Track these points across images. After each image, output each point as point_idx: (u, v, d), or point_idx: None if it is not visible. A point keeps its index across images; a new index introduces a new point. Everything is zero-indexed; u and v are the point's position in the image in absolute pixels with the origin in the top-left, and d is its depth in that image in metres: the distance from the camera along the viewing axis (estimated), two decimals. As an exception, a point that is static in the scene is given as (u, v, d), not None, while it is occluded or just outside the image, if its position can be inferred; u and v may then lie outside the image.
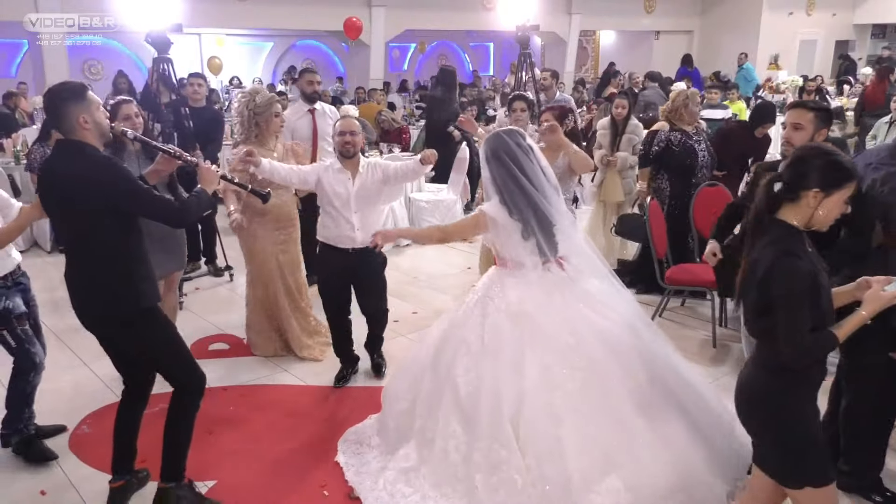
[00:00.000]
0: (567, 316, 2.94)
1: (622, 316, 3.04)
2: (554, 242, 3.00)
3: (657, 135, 5.41)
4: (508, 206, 2.95)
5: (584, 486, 2.66)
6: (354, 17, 12.79)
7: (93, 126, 2.68)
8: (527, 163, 2.95)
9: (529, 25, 7.78)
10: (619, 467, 2.71)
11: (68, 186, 2.64)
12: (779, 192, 2.14)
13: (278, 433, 3.68)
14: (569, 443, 2.71)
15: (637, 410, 2.83)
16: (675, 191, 5.32)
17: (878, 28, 19.86)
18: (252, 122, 4.25)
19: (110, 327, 2.82)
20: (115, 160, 2.82)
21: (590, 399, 2.80)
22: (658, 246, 4.92)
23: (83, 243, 2.73)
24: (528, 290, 2.97)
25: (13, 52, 13.88)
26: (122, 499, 3.04)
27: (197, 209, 2.89)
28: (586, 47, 19.18)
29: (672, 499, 2.72)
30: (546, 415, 2.76)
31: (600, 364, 2.86)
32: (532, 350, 2.87)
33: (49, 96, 2.71)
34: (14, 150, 7.72)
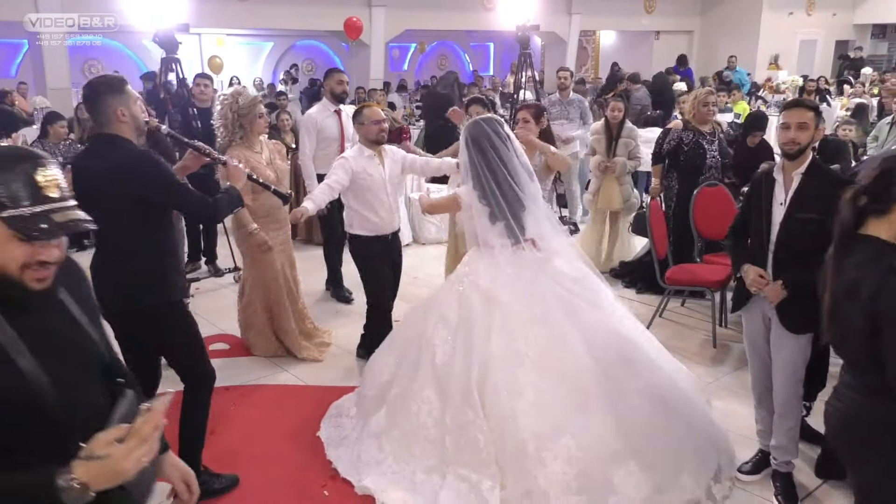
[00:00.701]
0: (535, 290, 3.12)
1: (590, 293, 3.23)
2: (522, 226, 3.18)
3: (669, 133, 5.44)
4: (479, 191, 3.16)
5: (538, 446, 2.84)
6: (355, 17, 12.79)
7: (129, 119, 2.72)
8: (503, 150, 3.15)
9: (529, 25, 7.80)
10: (572, 430, 2.87)
11: (103, 178, 2.67)
12: (865, 207, 2.00)
13: (279, 433, 3.68)
14: (525, 411, 2.89)
15: (595, 379, 2.97)
16: (682, 190, 5.32)
17: (878, 28, 19.85)
18: (236, 125, 4.18)
19: (135, 319, 2.83)
20: (151, 153, 2.85)
21: (550, 368, 2.97)
22: (658, 246, 4.91)
23: (115, 234, 2.75)
24: (496, 270, 3.17)
25: (13, 52, 13.88)
26: None
27: (228, 206, 2.95)
28: (586, 47, 19.17)
29: (622, 464, 2.85)
30: (507, 386, 2.94)
31: (564, 336, 3.03)
32: (498, 327, 3.06)
33: (89, 88, 2.75)
34: (14, 150, 7.73)
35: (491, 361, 2.99)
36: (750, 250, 3.11)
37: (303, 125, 5.40)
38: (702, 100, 5.31)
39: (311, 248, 6.93)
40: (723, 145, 5.37)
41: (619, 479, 2.82)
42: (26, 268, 1.39)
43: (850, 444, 2.07)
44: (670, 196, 5.44)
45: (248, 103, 4.20)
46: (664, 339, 4.81)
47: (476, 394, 2.97)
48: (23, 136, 8.13)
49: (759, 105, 11.93)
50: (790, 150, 2.90)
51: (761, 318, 3.10)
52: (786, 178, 2.96)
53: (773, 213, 2.96)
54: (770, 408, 3.18)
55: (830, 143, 5.75)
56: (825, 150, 5.46)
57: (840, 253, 2.02)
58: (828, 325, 2.06)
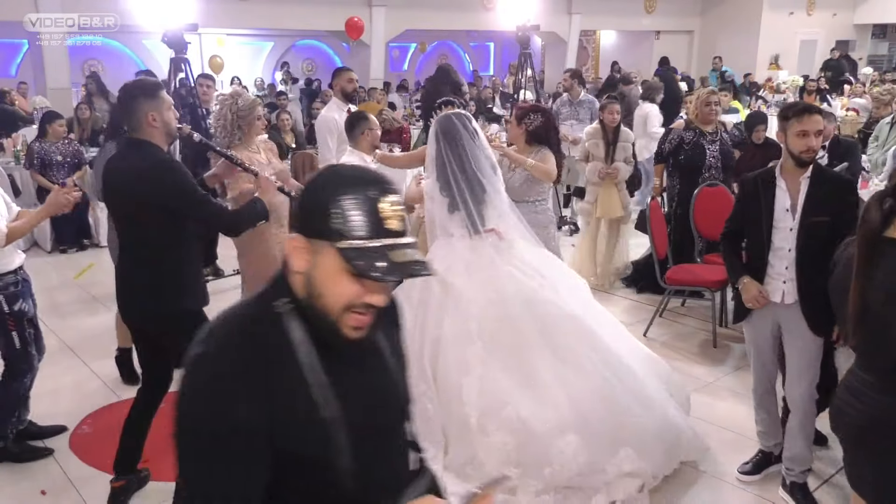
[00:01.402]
0: (492, 275, 3.29)
1: (548, 279, 3.37)
2: (482, 216, 3.35)
3: (671, 132, 5.44)
4: (441, 182, 3.34)
5: (481, 418, 3.02)
6: (356, 16, 12.79)
7: (161, 125, 2.72)
8: (470, 144, 3.33)
9: (530, 25, 7.79)
10: (515, 403, 3.02)
11: (127, 182, 2.67)
12: (892, 209, 1.97)
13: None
14: (472, 386, 3.08)
15: (543, 358, 3.13)
16: (683, 189, 5.32)
17: (879, 28, 19.85)
18: (235, 126, 4.16)
19: (153, 325, 2.83)
20: (175, 161, 2.85)
21: (499, 347, 3.14)
22: (658, 246, 4.91)
23: (138, 239, 2.76)
24: (453, 257, 3.34)
25: (13, 52, 13.88)
26: (122, 498, 3.04)
27: (251, 218, 2.94)
28: (586, 47, 19.16)
29: (561, 436, 2.97)
30: (457, 363, 3.15)
31: (514, 317, 3.19)
32: (452, 309, 3.26)
33: (123, 91, 2.76)
34: (14, 150, 7.73)
35: (443, 340, 3.21)
36: (747, 257, 3.06)
37: (322, 127, 5.25)
38: (704, 100, 5.31)
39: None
40: (725, 146, 5.33)
41: (556, 451, 2.95)
42: (348, 309, 1.19)
43: (873, 444, 2.06)
44: (671, 196, 5.44)
45: (248, 105, 4.17)
46: (664, 339, 4.85)
47: (429, 369, 3.19)
48: (23, 135, 8.13)
49: (760, 105, 11.93)
50: (809, 158, 2.83)
51: (770, 325, 3.03)
52: (790, 183, 2.88)
53: (775, 219, 2.89)
54: (771, 410, 3.15)
55: (842, 142, 5.73)
56: (836, 150, 5.45)
57: (867, 257, 1.99)
58: (855, 328, 2.03)
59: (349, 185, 1.18)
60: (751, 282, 2.97)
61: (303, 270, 1.20)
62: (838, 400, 2.17)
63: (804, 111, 2.87)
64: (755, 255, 3.01)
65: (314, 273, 1.19)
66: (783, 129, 2.87)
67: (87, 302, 5.66)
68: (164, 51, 6.99)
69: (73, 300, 5.70)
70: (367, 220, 1.16)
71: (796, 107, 2.92)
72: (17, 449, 3.44)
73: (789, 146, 2.87)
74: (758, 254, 2.99)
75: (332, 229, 1.16)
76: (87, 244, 7.26)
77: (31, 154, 6.89)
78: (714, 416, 3.76)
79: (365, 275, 1.15)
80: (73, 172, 6.78)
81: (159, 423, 3.00)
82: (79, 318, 5.33)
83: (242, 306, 1.30)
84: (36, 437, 3.62)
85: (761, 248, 2.96)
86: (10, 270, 3.26)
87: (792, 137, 2.84)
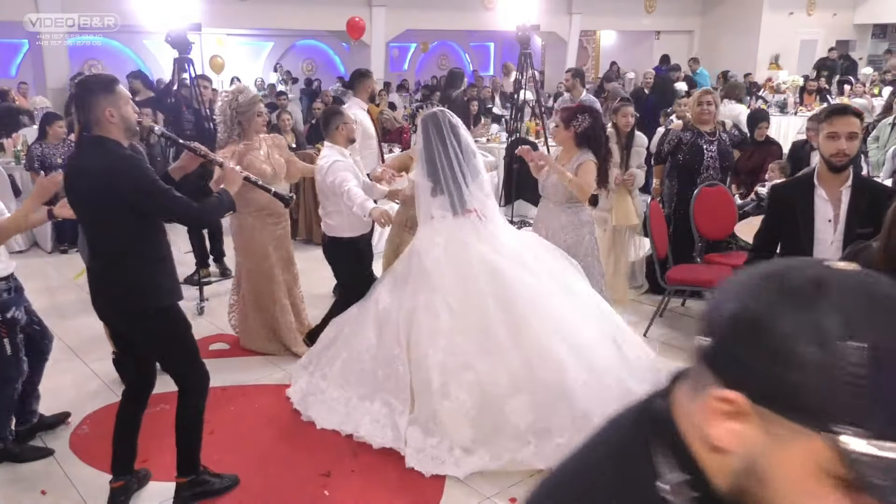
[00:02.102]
0: (464, 253, 3.57)
1: (519, 256, 3.65)
2: (463, 199, 3.63)
3: (670, 133, 5.44)
4: (428, 167, 3.64)
5: (445, 380, 3.35)
6: (356, 16, 12.79)
7: (118, 120, 2.66)
8: (453, 136, 3.65)
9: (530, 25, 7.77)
10: (475, 368, 3.35)
11: (88, 181, 2.64)
12: None
13: (279, 433, 3.68)
14: (438, 352, 3.39)
15: (503, 327, 3.40)
16: (681, 190, 5.32)
17: (879, 28, 19.84)
18: (235, 122, 4.21)
19: (127, 323, 2.83)
20: (135, 156, 2.78)
21: (466, 319, 3.44)
22: (658, 246, 4.91)
23: (104, 238, 2.74)
24: (433, 236, 3.65)
25: (13, 52, 13.88)
26: (122, 499, 3.04)
27: (218, 210, 2.90)
28: (587, 47, 19.17)
29: (513, 397, 3.31)
30: (427, 331, 3.45)
31: (482, 290, 3.48)
32: (425, 282, 3.56)
33: (78, 86, 2.72)
34: (14, 150, 7.73)
35: (416, 310, 3.53)
36: None
37: None
38: (696, 99, 5.33)
39: (311, 249, 6.92)
40: (723, 146, 5.33)
41: (509, 409, 3.30)
42: None
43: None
44: (670, 196, 5.44)
45: (248, 101, 4.21)
46: (665, 339, 4.85)
47: (403, 336, 3.52)
48: (23, 135, 8.13)
49: (760, 104, 11.93)
50: (840, 162, 2.64)
51: None
52: (830, 192, 2.67)
53: (815, 230, 2.65)
54: None
55: None
56: None
57: None
58: None
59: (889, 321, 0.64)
60: None
61: (736, 452, 0.70)
62: None
63: (833, 112, 2.70)
64: None
65: (763, 464, 0.68)
66: (816, 131, 2.78)
67: (86, 302, 5.57)
68: (165, 51, 7.01)
69: (73, 300, 5.69)
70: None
71: (828, 108, 2.76)
72: (18, 449, 3.44)
73: (821, 149, 2.70)
74: None
75: (838, 407, 0.63)
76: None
77: (32, 155, 6.89)
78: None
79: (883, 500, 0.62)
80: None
81: (159, 424, 3.01)
82: (79, 318, 5.33)
83: (596, 472, 0.83)
84: (49, 426, 3.67)
85: None
86: (2, 277, 3.25)
87: (823, 140, 2.69)
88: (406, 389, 3.47)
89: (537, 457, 3.26)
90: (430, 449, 3.31)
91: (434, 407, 3.34)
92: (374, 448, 3.46)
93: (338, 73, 17.02)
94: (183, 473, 3.00)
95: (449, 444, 3.31)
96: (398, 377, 3.49)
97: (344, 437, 3.55)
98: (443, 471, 3.25)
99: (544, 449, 3.26)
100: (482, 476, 3.25)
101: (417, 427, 3.37)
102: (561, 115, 4.37)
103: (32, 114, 9.92)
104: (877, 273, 0.69)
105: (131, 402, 3.05)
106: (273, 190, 3.54)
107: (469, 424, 3.30)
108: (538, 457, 3.26)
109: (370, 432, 3.49)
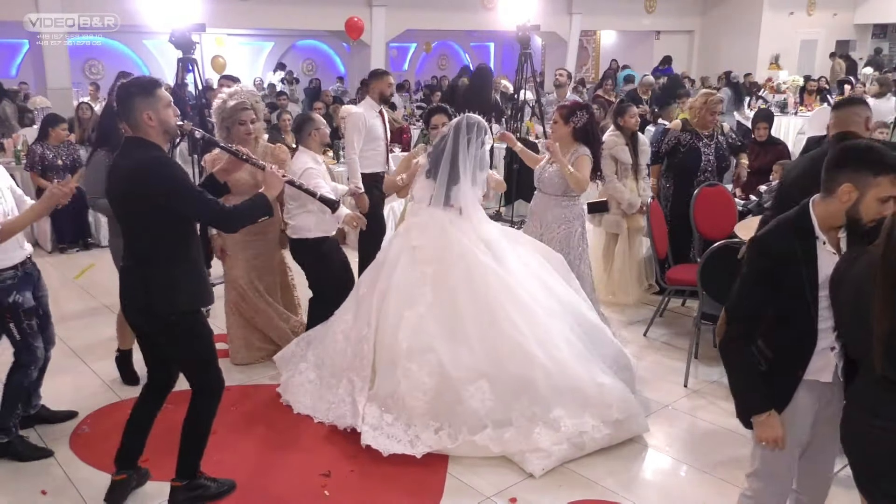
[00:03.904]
0: (442, 239, 3.70)
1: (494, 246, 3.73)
2: (449, 195, 3.78)
3: (668, 133, 5.41)
4: (434, 154, 3.85)
5: (408, 359, 3.45)
6: (356, 16, 12.80)
7: (157, 123, 2.70)
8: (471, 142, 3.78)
9: (530, 25, 7.78)
10: (439, 350, 3.44)
11: (124, 180, 2.68)
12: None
13: (279, 432, 3.68)
14: (405, 331, 3.51)
15: (471, 315, 3.51)
16: (678, 191, 5.32)
17: (879, 28, 19.85)
18: (223, 126, 4.16)
19: (150, 323, 2.83)
20: (169, 158, 2.82)
21: (437, 302, 3.56)
22: (658, 246, 4.91)
23: (136, 236, 2.76)
24: (418, 221, 3.85)
25: (13, 52, 13.88)
26: (121, 492, 3.04)
27: (251, 214, 2.88)
28: (587, 47, 19.17)
29: (474, 382, 3.39)
30: (396, 312, 3.58)
31: (454, 278, 3.60)
32: (402, 264, 3.72)
33: (121, 89, 2.75)
34: (14, 150, 7.73)
35: (389, 291, 3.67)
36: (775, 353, 2.24)
37: (351, 123, 5.23)
38: (711, 108, 5.24)
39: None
40: (721, 149, 5.33)
41: (468, 393, 3.38)
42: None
43: None
44: (666, 197, 5.41)
45: (231, 109, 4.09)
46: (665, 339, 4.85)
47: (374, 315, 3.66)
48: (23, 135, 8.13)
49: (760, 105, 11.94)
50: (871, 225, 2.10)
51: (812, 414, 2.30)
52: (832, 242, 2.20)
53: (819, 297, 2.17)
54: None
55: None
56: None
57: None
58: (886, 354, 1.90)
59: None
60: (776, 417, 2.22)
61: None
62: (856, 430, 2.09)
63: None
64: (794, 346, 2.23)
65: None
66: (863, 183, 2.07)
67: (87, 302, 5.66)
68: (165, 51, 7.03)
69: (73, 300, 5.70)
70: None
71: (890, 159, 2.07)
72: (21, 447, 3.44)
73: (860, 208, 2.09)
74: (800, 344, 2.21)
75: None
76: (90, 243, 7.26)
77: (33, 156, 6.89)
78: (715, 415, 3.76)
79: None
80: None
81: (163, 424, 3.00)
82: (79, 318, 5.33)
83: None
84: (47, 420, 3.67)
85: (809, 336, 2.20)
86: (8, 266, 3.26)
87: (870, 200, 2.08)
88: (368, 367, 3.59)
89: (494, 442, 3.33)
90: (385, 427, 3.41)
91: (395, 385, 3.44)
92: (344, 433, 3.54)
93: (338, 73, 17.02)
94: (181, 476, 3.00)
95: (406, 421, 3.40)
96: (362, 355, 3.62)
97: (344, 437, 3.55)
98: (398, 450, 3.32)
99: (502, 434, 3.34)
100: (482, 476, 3.26)
101: (375, 404, 3.48)
102: (560, 111, 4.41)
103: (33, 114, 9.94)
104: None
105: (150, 398, 3.05)
106: (319, 194, 3.53)
107: (426, 402, 3.38)
108: (496, 442, 3.33)
109: (337, 415, 3.60)
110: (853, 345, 2.13)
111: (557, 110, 4.45)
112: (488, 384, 3.39)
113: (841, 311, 2.12)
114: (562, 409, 3.39)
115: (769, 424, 2.23)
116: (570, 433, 3.35)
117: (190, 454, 2.98)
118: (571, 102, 4.86)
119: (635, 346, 4.74)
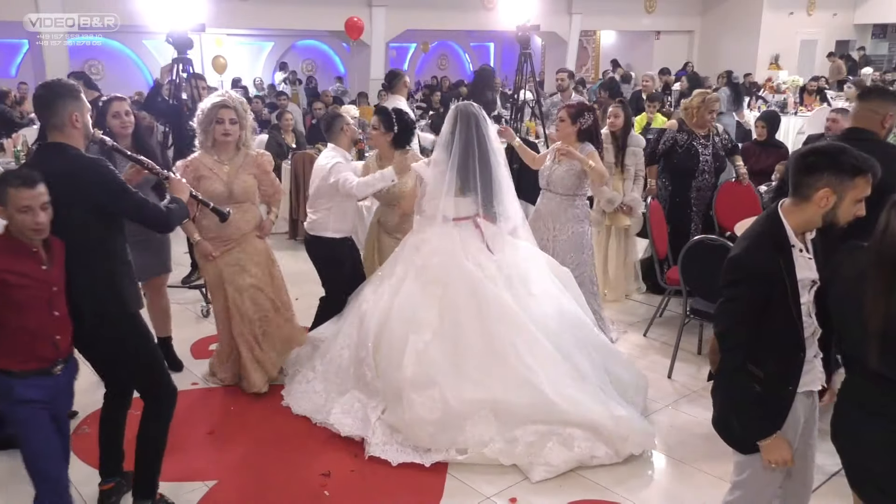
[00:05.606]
0: (449, 265, 3.60)
1: (505, 277, 3.64)
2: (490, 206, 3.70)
3: (665, 133, 5.41)
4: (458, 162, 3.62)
5: (410, 392, 3.41)
6: (356, 16, 12.80)
7: (82, 126, 2.67)
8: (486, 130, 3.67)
9: (530, 25, 7.77)
10: (441, 383, 3.40)
11: (64, 184, 2.57)
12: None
13: (279, 433, 3.68)
14: (414, 350, 3.47)
15: (475, 346, 3.46)
16: (676, 191, 5.33)
17: (879, 28, 19.85)
18: (201, 129, 3.88)
19: (95, 326, 2.74)
20: (103, 160, 2.75)
21: (442, 330, 3.50)
22: (658, 246, 4.91)
23: (73, 241, 2.67)
24: (427, 238, 3.73)
25: (13, 52, 13.88)
26: (113, 499, 3.03)
27: (178, 216, 2.93)
28: (587, 47, 19.17)
29: (475, 413, 3.37)
30: (400, 339, 3.53)
31: (460, 306, 3.52)
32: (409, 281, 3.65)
33: (45, 88, 2.66)
34: (14, 150, 7.73)
35: (393, 310, 3.62)
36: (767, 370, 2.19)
37: None
38: (708, 107, 5.23)
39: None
40: (717, 149, 5.32)
41: (470, 423, 3.37)
42: None
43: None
44: (663, 197, 5.39)
45: (210, 106, 3.83)
46: (665, 339, 4.84)
47: (372, 339, 3.65)
48: (23, 135, 8.13)
49: (760, 105, 11.94)
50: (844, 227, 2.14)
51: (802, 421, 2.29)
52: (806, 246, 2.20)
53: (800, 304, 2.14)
54: None
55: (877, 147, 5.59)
56: None
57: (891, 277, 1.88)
58: (882, 350, 1.91)
59: None
60: (781, 437, 2.18)
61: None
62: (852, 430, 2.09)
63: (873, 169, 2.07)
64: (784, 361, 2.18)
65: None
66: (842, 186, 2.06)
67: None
68: (165, 51, 6.99)
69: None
70: None
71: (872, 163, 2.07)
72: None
73: (838, 212, 2.10)
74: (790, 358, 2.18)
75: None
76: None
77: (31, 156, 6.88)
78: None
79: None
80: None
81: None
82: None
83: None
84: None
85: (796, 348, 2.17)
86: None
87: (848, 203, 2.08)
88: (377, 395, 3.60)
89: (505, 455, 3.32)
90: (395, 444, 3.45)
91: (399, 414, 3.46)
92: (342, 435, 3.54)
93: (338, 73, 17.02)
94: (139, 496, 2.89)
95: (414, 444, 3.43)
96: (365, 382, 3.64)
97: (344, 437, 3.55)
98: (408, 459, 3.37)
99: (513, 449, 3.33)
100: (482, 476, 3.26)
101: (386, 424, 3.51)
102: (568, 110, 4.43)
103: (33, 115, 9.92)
104: None
105: (113, 403, 3.00)
106: (211, 204, 3.38)
107: (429, 434, 3.38)
108: (506, 455, 3.32)
109: (339, 420, 3.60)
110: (848, 342, 2.12)
111: (566, 109, 4.47)
112: (493, 415, 3.38)
113: (834, 310, 2.13)
114: (578, 430, 3.35)
115: (777, 446, 2.18)
116: (582, 456, 3.30)
117: (149, 468, 2.89)
118: (578, 103, 4.87)
119: (635, 347, 4.74)
